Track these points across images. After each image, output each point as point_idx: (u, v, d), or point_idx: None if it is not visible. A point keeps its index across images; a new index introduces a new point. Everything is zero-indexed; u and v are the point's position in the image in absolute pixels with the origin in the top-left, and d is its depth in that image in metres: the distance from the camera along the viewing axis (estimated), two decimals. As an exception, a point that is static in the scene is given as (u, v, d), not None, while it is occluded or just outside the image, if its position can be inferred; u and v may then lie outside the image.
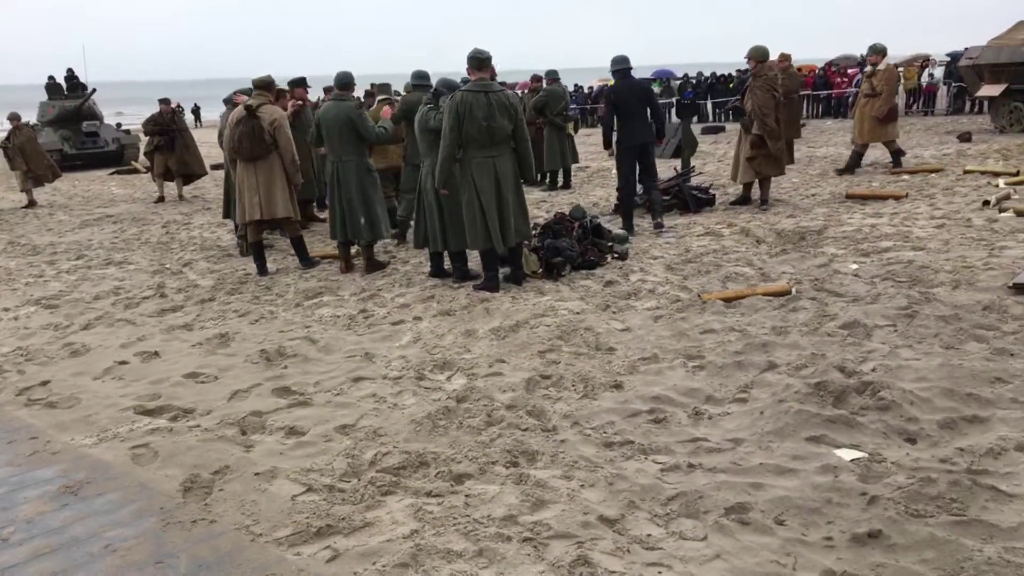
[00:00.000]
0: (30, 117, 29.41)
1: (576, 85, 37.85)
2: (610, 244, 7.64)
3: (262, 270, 7.95)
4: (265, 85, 7.60)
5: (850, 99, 26.88)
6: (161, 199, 14.18)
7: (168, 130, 13.67)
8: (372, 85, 12.17)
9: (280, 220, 7.99)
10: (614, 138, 8.57)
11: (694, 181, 10.48)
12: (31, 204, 15.51)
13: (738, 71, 29.44)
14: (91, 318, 6.61)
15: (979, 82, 17.53)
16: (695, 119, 24.77)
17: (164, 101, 14.11)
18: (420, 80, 8.32)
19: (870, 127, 11.39)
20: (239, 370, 5.06)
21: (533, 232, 7.49)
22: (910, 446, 3.46)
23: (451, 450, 3.67)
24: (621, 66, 8.53)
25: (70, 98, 26.01)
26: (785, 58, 13.92)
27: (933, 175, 11.04)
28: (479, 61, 6.39)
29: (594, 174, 14.33)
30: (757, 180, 9.69)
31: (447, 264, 7.26)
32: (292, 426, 4.07)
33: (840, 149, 15.70)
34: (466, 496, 3.25)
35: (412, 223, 8.14)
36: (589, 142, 20.93)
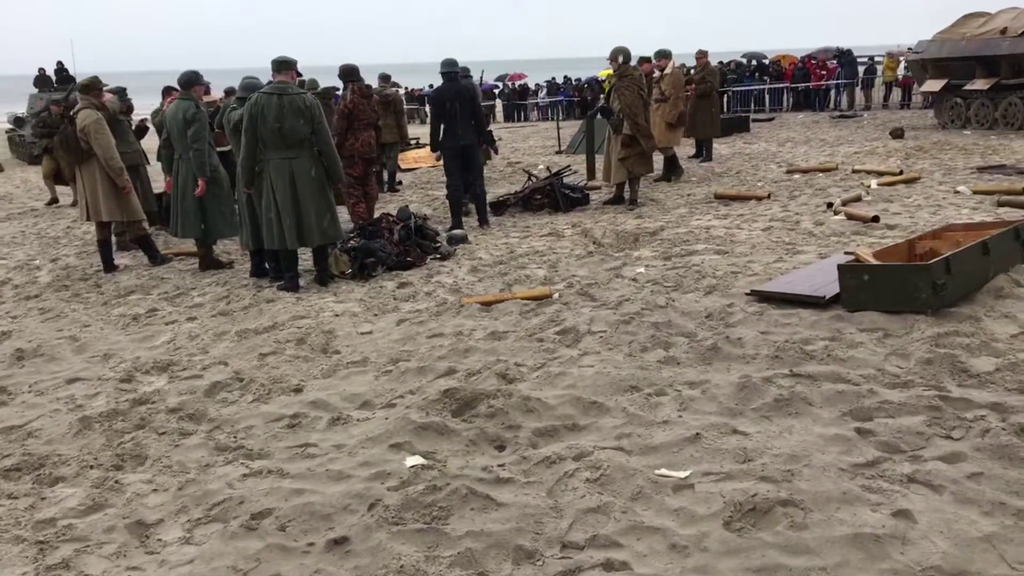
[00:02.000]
0: (21, 108, 30.01)
1: (566, 77, 37.94)
2: (436, 245, 7.75)
3: (108, 267, 8.16)
4: (84, 88, 7.79)
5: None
6: (54, 201, 14.00)
7: (57, 132, 13.79)
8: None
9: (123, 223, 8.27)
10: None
11: (569, 180, 10.52)
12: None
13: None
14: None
15: (925, 77, 17.34)
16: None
17: (55, 102, 14.34)
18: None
19: (660, 132, 11.17)
20: (-17, 369, 5.25)
21: (352, 233, 7.63)
22: (497, 452, 3.56)
23: (77, 452, 3.83)
24: (448, 69, 8.72)
25: (58, 90, 26.57)
26: (703, 55, 13.87)
27: (822, 174, 11.00)
28: (279, 64, 6.57)
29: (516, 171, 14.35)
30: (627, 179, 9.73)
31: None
32: (-35, 426, 4.26)
33: (773, 146, 15.64)
34: (41, 498, 3.40)
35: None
36: (547, 135, 21.01)
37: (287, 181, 6.47)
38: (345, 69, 9.14)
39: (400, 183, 13.42)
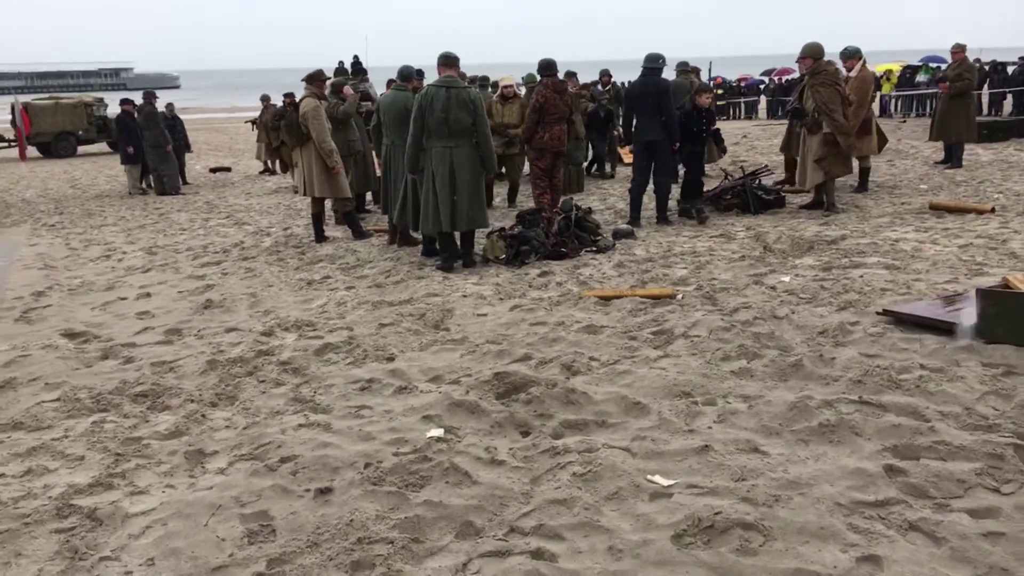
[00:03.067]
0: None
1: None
2: (595, 238, 7.83)
3: (319, 238, 9.21)
4: (308, 79, 8.80)
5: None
6: (296, 190, 15.62)
7: None
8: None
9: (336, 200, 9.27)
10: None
11: (767, 181, 10.00)
12: (267, 171, 18.50)
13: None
14: (157, 264, 8.27)
15: None
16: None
17: (288, 95, 15.99)
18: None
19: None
20: (176, 313, 6.25)
21: (512, 223, 7.93)
22: (520, 437, 3.68)
23: (193, 388, 4.51)
24: (648, 64, 8.64)
25: (352, 82, 29.98)
26: (960, 49, 12.42)
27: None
28: (446, 59, 7.06)
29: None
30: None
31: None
32: (131, 356, 5.15)
33: (1048, 154, 13.62)
34: (145, 421, 4.08)
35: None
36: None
37: (447, 169, 6.92)
38: (542, 64, 9.44)
39: (611, 175, 13.56)
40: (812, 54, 8.73)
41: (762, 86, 37.28)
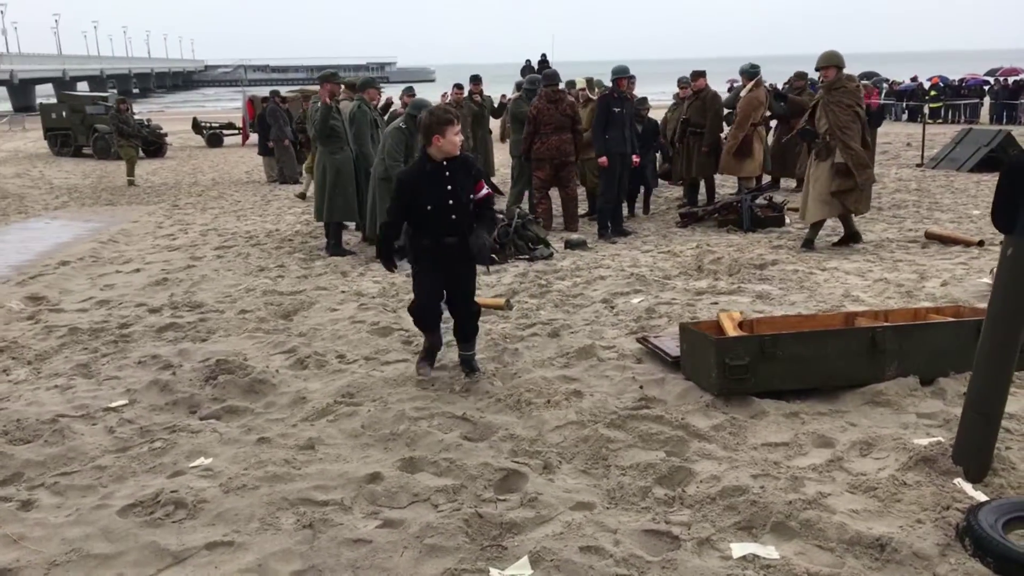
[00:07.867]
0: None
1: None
2: (536, 247, 8.04)
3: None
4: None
5: None
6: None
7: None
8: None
9: None
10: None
11: (778, 198, 9.52)
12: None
13: None
14: (190, 244, 9.56)
15: None
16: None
17: (458, 87, 16.88)
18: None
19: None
20: (131, 287, 7.36)
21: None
22: (188, 412, 4.26)
23: (36, 348, 5.50)
24: (614, 76, 8.71)
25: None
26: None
27: None
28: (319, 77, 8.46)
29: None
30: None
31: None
32: (42, 319, 6.28)
33: None
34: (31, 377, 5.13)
35: None
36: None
37: None
38: (544, 75, 9.68)
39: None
40: (835, 63, 7.49)
41: (986, 87, 33.74)
